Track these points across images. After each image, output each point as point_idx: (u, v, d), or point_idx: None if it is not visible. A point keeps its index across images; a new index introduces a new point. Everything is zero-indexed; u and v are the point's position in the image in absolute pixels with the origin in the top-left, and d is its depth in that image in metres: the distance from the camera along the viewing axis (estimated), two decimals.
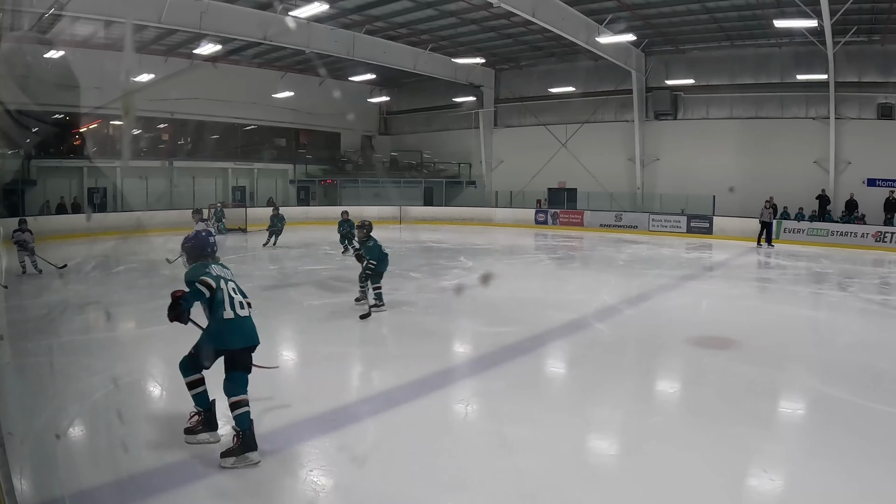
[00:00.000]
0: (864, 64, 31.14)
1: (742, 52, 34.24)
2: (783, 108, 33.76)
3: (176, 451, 6.19)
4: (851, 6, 24.82)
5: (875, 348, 11.20)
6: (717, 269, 22.44)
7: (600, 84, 38.49)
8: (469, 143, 44.46)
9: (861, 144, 31.47)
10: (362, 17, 30.67)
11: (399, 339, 11.30)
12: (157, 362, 9.37)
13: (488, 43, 35.95)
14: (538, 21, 26.58)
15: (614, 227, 35.49)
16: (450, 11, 30.22)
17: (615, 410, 7.86)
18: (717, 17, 29.79)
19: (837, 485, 5.88)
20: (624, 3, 28.18)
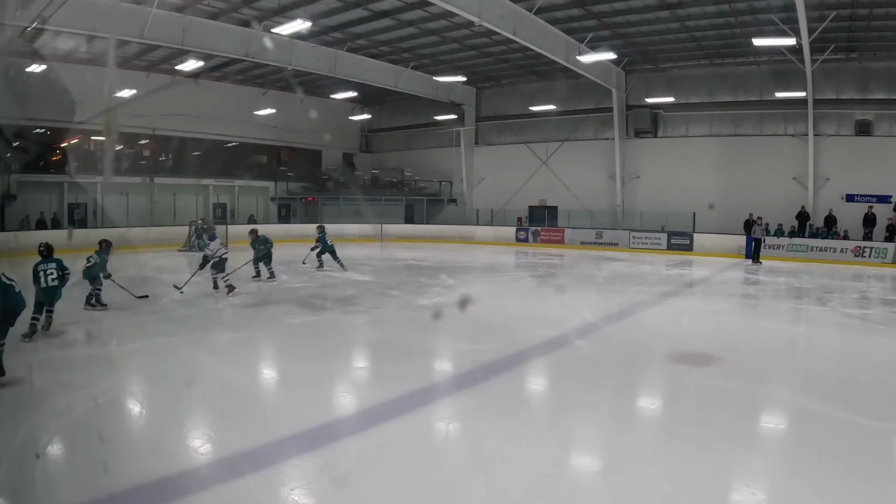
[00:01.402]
0: (841, 81, 31.50)
1: (721, 70, 34.53)
2: (762, 125, 34.02)
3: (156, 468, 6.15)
4: (829, 24, 25.10)
5: (855, 362, 11.28)
6: (697, 286, 22.54)
7: (581, 102, 38.66)
8: (450, 160, 44.48)
9: (839, 160, 31.74)
10: (344, 34, 30.72)
11: (379, 358, 11.28)
12: (138, 379, 9.34)
13: (469, 61, 36.04)
14: (519, 40, 26.67)
15: (595, 244, 35.54)
16: (431, 30, 30.30)
17: (596, 427, 7.90)
18: (697, 35, 30.02)
19: (820, 498, 5.92)
20: (604, 23, 28.34)
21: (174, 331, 12.13)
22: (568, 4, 26.28)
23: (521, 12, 25.76)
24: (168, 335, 11.65)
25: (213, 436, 7.01)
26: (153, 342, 11.15)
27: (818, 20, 24.77)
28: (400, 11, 27.61)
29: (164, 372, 9.53)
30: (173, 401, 8.23)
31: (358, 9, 27.17)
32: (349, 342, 12.33)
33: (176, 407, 7.96)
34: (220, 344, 11.42)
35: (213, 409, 7.93)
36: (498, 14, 24.79)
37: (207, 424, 7.16)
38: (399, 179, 47.00)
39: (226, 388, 8.78)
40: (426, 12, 27.30)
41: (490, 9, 24.27)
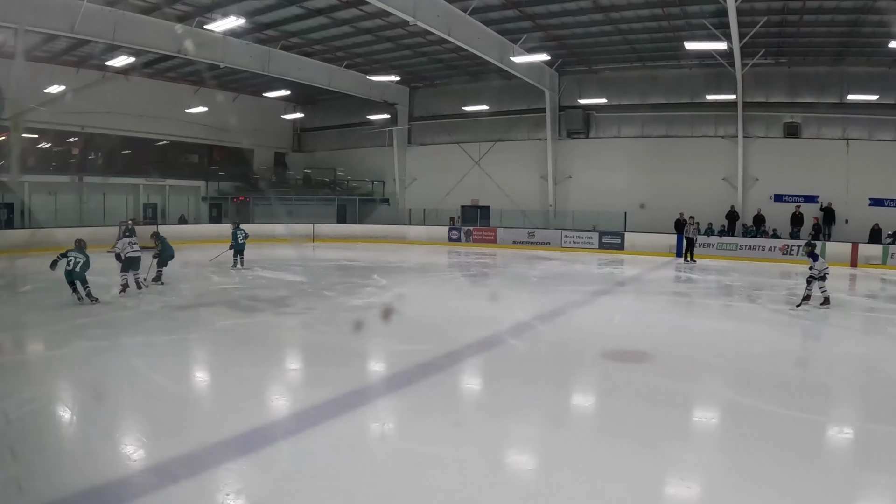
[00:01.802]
0: (771, 85, 32.27)
1: (654, 72, 35.02)
2: (693, 127, 34.54)
3: (87, 478, 6.02)
4: (760, 30, 25.60)
5: (784, 357, 11.57)
6: (629, 284, 22.76)
7: (514, 103, 38.82)
8: (383, 160, 44.35)
9: (768, 162, 32.49)
10: (278, 32, 30.49)
11: (313, 359, 11.20)
12: (66, 386, 9.16)
13: (403, 61, 36.01)
14: (453, 40, 26.68)
15: (527, 243, 35.71)
16: (366, 29, 30.19)
17: (531, 426, 7.93)
18: (630, 38, 30.36)
19: (752, 489, 6.04)
20: (538, 24, 28.50)
21: (104, 335, 11.90)
22: (503, 5, 26.38)
23: (455, 12, 25.79)
24: (97, 339, 11.43)
25: (146, 442, 6.89)
26: (82, 347, 10.94)
27: (749, 25, 25.26)
28: (335, 10, 27.49)
29: (94, 378, 9.36)
30: (103, 407, 8.06)
31: (292, 6, 26.98)
32: (282, 344, 12.23)
33: (106, 414, 7.80)
34: (151, 347, 11.21)
35: (144, 415, 7.79)
36: (433, 14, 24.78)
37: (139, 431, 7.05)
38: (331, 179, 46.78)
39: (158, 393, 8.63)
40: (361, 11, 27.22)
41: (425, 9, 24.24)
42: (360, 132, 45.37)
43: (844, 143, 31.40)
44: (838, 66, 31.02)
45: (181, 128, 39.49)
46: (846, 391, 9.88)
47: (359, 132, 45.45)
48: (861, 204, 30.75)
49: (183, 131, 39.94)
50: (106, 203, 35.13)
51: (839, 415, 8.75)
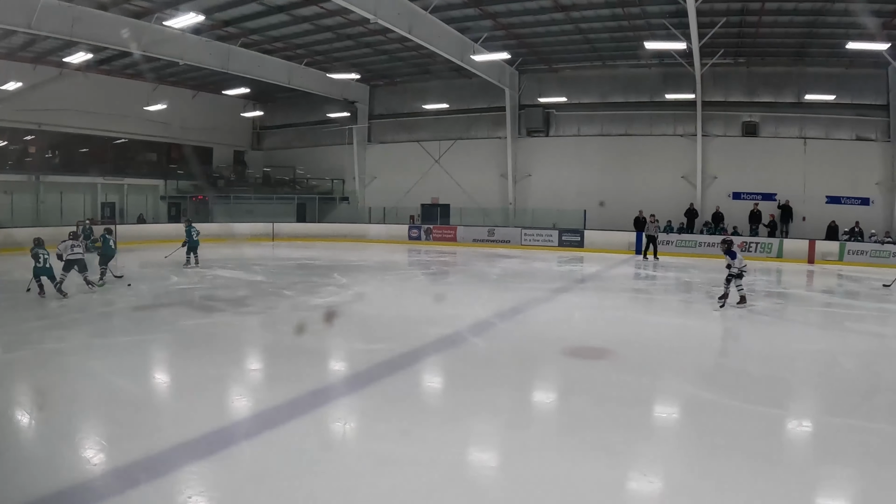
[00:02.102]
0: (730, 84, 32.71)
1: (613, 71, 35.27)
2: (652, 125, 34.84)
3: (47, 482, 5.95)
4: (719, 30, 25.96)
5: (744, 352, 11.80)
6: (588, 282, 22.85)
7: (474, 101, 38.94)
8: (342, 158, 44.20)
9: (727, 160, 32.92)
10: (238, 29, 30.27)
11: (274, 359, 11.12)
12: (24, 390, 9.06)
13: (364, 59, 35.92)
14: (414, 38, 26.68)
15: (487, 241, 35.77)
16: (326, 26, 30.09)
17: (492, 423, 7.96)
18: (590, 37, 30.52)
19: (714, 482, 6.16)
20: (499, 23, 28.57)
21: (62, 336, 11.79)
22: (464, 4, 26.45)
23: (416, 11, 25.76)
24: (56, 341, 11.32)
25: (106, 445, 6.81)
26: (40, 349, 10.82)
27: (709, 26, 25.56)
28: (295, 7, 27.38)
29: (52, 381, 9.26)
30: (62, 411, 7.95)
31: (252, 3, 26.80)
32: (243, 344, 12.16)
33: (65, 417, 7.70)
34: (110, 349, 11.11)
35: (104, 418, 7.70)
36: (394, 12, 24.77)
37: (99, 434, 6.98)
38: (291, 177, 46.53)
39: (117, 396, 8.53)
40: (322, 8, 27.14)
41: (386, 7, 24.22)
42: (319, 130, 45.22)
43: (802, 141, 31.88)
44: (796, 67, 31.51)
45: (140, 126, 39.10)
46: (805, 385, 10.07)
47: (319, 130, 45.30)
48: (818, 201, 31.29)
49: (141, 129, 39.53)
50: (63, 202, 34.71)
51: (798, 408, 8.90)
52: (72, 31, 25.00)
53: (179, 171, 42.44)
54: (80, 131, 36.59)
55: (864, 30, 24.55)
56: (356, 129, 42.73)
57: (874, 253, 27.93)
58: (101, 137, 38.25)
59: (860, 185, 31.22)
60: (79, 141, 37.23)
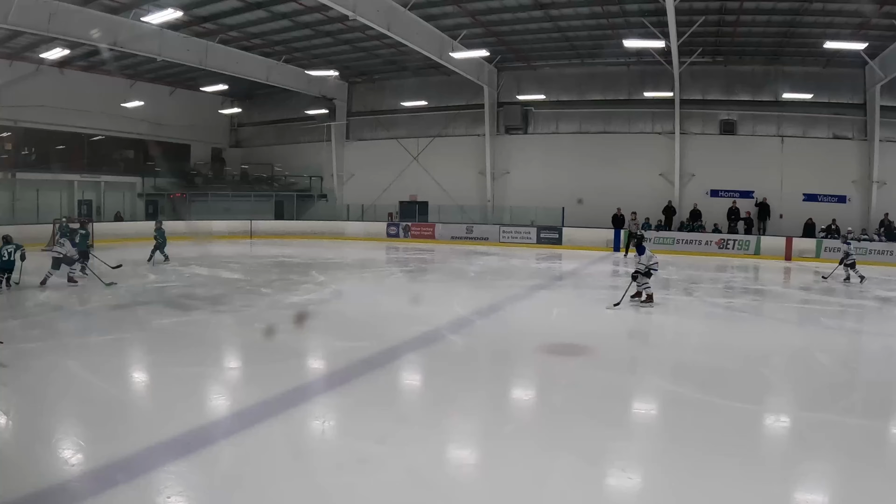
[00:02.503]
0: (708, 83, 32.99)
1: (592, 69, 35.39)
2: (630, 123, 35.02)
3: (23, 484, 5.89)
4: (698, 29, 26.14)
5: (721, 348, 11.80)
6: (566, 279, 22.96)
7: (453, 98, 39.02)
8: (320, 156, 44.09)
9: (704, 158, 33.13)
10: (216, 25, 30.18)
11: (251, 358, 11.08)
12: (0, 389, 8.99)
13: (342, 56, 35.91)
14: (393, 35, 26.70)
15: (465, 239, 35.87)
16: (305, 23, 30.06)
17: (471, 420, 7.98)
18: (569, 35, 30.64)
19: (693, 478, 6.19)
20: (478, 20, 28.62)
21: (38, 336, 11.69)
22: (443, 1, 26.60)
23: (395, 7, 25.80)
24: (32, 340, 11.22)
25: (83, 446, 6.75)
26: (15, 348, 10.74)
27: (687, 24, 25.74)
28: (273, 3, 27.40)
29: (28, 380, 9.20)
30: (38, 411, 7.86)
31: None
32: (220, 342, 12.11)
33: (41, 418, 7.62)
34: (86, 348, 11.05)
35: (81, 418, 7.64)
36: (372, 9, 24.79)
37: (76, 434, 6.93)
38: (269, 175, 46.43)
39: (94, 396, 8.46)
40: (300, 5, 27.15)
41: (365, 3, 24.25)
42: (297, 127, 45.13)
43: (779, 139, 32.15)
44: (774, 66, 31.85)
45: (117, 122, 38.92)
46: (782, 381, 10.15)
47: (297, 127, 45.20)
48: (795, 199, 31.57)
49: (118, 126, 39.34)
50: (40, 200, 34.48)
51: (776, 404, 8.94)
52: (49, 26, 24.85)
53: (157, 168, 42.18)
54: (56, 128, 36.34)
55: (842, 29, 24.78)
56: (334, 127, 42.65)
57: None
58: (77, 134, 38.04)
59: (837, 183, 31.50)
60: (55, 138, 37.00)
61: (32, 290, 16.02)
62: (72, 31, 25.93)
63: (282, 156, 46.63)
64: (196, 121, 43.69)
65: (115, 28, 26.85)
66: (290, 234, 38.25)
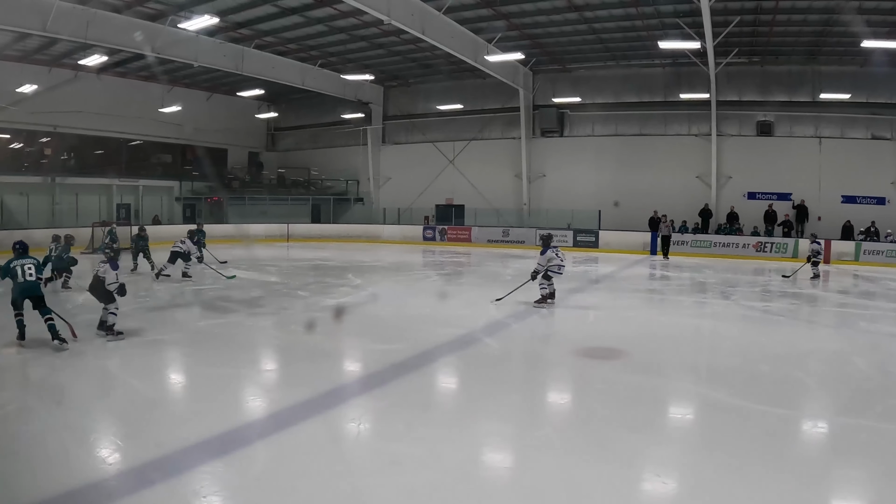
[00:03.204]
0: (744, 83, 32.62)
1: (627, 71, 35.24)
2: (666, 125, 34.78)
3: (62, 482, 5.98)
4: (733, 29, 25.93)
5: (757, 353, 11.60)
6: (603, 282, 22.78)
7: (488, 102, 38.97)
8: (357, 159, 44.30)
9: (741, 160, 32.85)
10: (252, 31, 30.43)
11: (287, 360, 11.15)
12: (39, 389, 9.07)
13: (377, 60, 36.03)
14: (428, 39, 26.73)
15: (501, 242, 35.81)
16: (340, 28, 30.18)
17: (505, 423, 7.93)
18: (604, 37, 30.53)
19: (728, 483, 6.10)
20: (512, 23, 28.59)
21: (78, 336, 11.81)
22: (477, 4, 26.49)
23: (430, 11, 25.83)
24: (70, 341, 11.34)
25: (120, 445, 6.84)
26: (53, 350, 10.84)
27: (722, 25, 25.52)
28: (309, 9, 27.49)
29: (68, 380, 9.31)
30: (78, 411, 7.99)
31: (266, 5, 26.97)
32: (257, 345, 12.18)
33: (81, 417, 7.73)
34: (124, 349, 11.12)
35: (118, 418, 7.73)
36: (407, 13, 24.83)
37: (114, 434, 7.00)
38: (305, 178, 46.68)
39: (132, 396, 8.56)
40: (335, 10, 27.22)
41: (399, 7, 24.29)
42: (334, 131, 45.37)
43: (817, 141, 31.76)
44: (810, 65, 31.42)
45: (154, 127, 39.22)
46: (818, 385, 10.00)
47: (333, 131, 45.44)
48: (833, 201, 31.15)
49: (156, 131, 39.67)
50: (79, 204, 34.86)
51: (812, 409, 8.86)
52: (86, 33, 25.13)
53: (194, 172, 42.53)
54: (95, 133, 36.76)
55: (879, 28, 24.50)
56: (370, 131, 42.81)
57: (890, 253, 27.87)
58: (116, 139, 38.42)
59: (876, 185, 31.07)
60: (94, 143, 37.40)
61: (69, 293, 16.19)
62: (109, 38, 26.23)
63: (318, 159, 46.86)
64: (233, 125, 44.04)
65: (152, 35, 27.10)
66: (326, 238, 38.39)
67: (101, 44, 26.58)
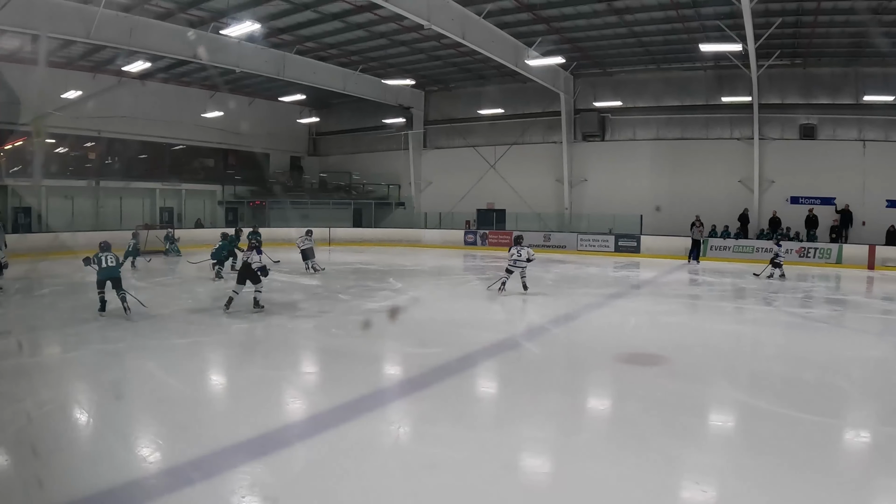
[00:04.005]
0: (786, 86, 32.22)
1: (668, 74, 35.00)
2: (708, 129, 34.50)
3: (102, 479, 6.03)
4: (775, 31, 25.61)
5: (799, 360, 11.48)
6: (644, 287, 22.67)
7: (528, 106, 38.94)
8: (398, 164, 44.55)
9: (784, 163, 32.42)
10: (293, 37, 30.65)
11: (328, 362, 11.21)
12: (82, 389, 9.18)
13: (418, 64, 36.15)
14: (468, 43, 26.76)
15: (543, 247, 35.64)
16: (380, 33, 30.32)
17: (544, 429, 7.89)
18: (644, 40, 30.36)
19: (768, 493, 5.99)
20: (553, 27, 28.52)
21: (119, 338, 11.92)
22: (517, 9, 26.44)
23: (470, 16, 25.85)
24: (113, 342, 11.47)
25: (161, 444, 6.91)
26: (98, 349, 10.98)
27: (764, 27, 25.23)
28: (349, 14, 27.62)
29: (109, 380, 9.40)
30: (118, 410, 8.10)
31: (307, 11, 27.15)
32: (297, 347, 12.25)
33: (121, 416, 7.84)
34: (166, 350, 11.22)
35: (159, 417, 7.81)
36: (447, 17, 24.84)
37: (154, 433, 7.07)
38: (347, 183, 46.97)
39: (172, 396, 8.65)
40: (375, 15, 27.34)
41: (439, 12, 24.30)
42: (375, 136, 45.64)
43: (861, 144, 31.28)
44: (853, 67, 30.94)
45: (197, 132, 39.79)
46: (862, 394, 9.80)
47: (374, 136, 45.71)
48: (878, 206, 30.62)
49: (199, 136, 40.24)
50: (122, 207, 35.28)
51: (855, 418, 8.67)
52: (129, 40, 25.54)
53: (237, 176, 42.91)
54: (138, 138, 37.18)
55: None
56: (411, 135, 42.98)
57: None
58: (159, 144, 38.89)
59: None
60: (137, 147, 37.78)
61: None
62: (152, 44, 26.62)
63: (359, 164, 47.15)
64: (275, 130, 44.43)
65: (195, 41, 27.36)
66: (367, 242, 38.58)
67: (144, 50, 26.99)
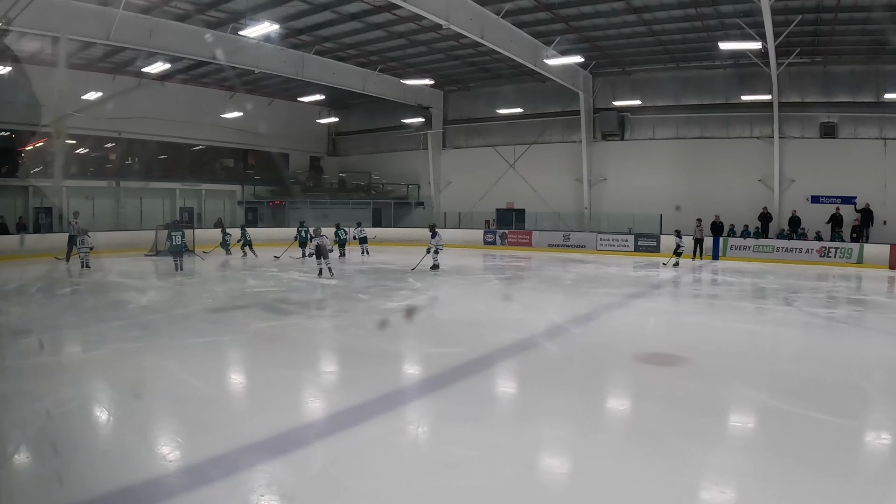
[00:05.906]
0: (806, 84, 31.97)
1: (687, 73, 34.83)
2: (728, 128, 34.33)
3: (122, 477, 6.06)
4: (794, 29, 25.42)
5: (820, 360, 11.41)
6: (663, 287, 22.59)
7: (548, 105, 38.90)
8: (417, 164, 44.60)
9: (804, 162, 32.20)
10: (312, 37, 30.70)
11: (347, 362, 11.20)
12: (102, 387, 9.22)
13: (437, 64, 36.13)
14: (486, 43, 26.71)
15: (562, 246, 35.68)
16: (399, 33, 30.34)
17: (564, 428, 7.86)
18: (663, 39, 30.24)
19: (788, 494, 5.95)
20: (571, 26, 28.46)
21: (139, 336, 11.96)
22: (535, 8, 26.39)
23: (488, 15, 25.83)
24: (133, 341, 11.51)
25: (181, 442, 6.95)
26: (118, 348, 11.04)
27: (783, 24, 25.08)
28: (368, 14, 27.64)
29: (129, 379, 9.43)
30: (139, 408, 8.13)
31: (326, 11, 27.19)
32: (316, 346, 12.27)
33: (141, 414, 7.86)
34: (185, 349, 11.27)
35: (178, 416, 7.84)
36: (465, 17, 24.84)
37: (173, 431, 7.09)
38: (366, 183, 47.10)
39: (192, 395, 8.69)
40: (394, 15, 27.34)
41: (458, 12, 24.30)
42: (394, 136, 45.72)
43: (882, 142, 31.02)
44: (874, 65, 30.65)
45: (216, 133, 39.98)
46: (883, 395, 9.72)
47: (393, 136, 45.79)
48: None
49: (218, 136, 40.44)
50: (143, 207, 35.47)
51: (876, 419, 8.59)
52: (149, 42, 25.71)
53: (256, 176, 43.07)
54: (158, 138, 37.40)
55: None
56: (430, 135, 43.01)
57: None
58: (179, 144, 39.15)
59: None
60: (157, 148, 37.97)
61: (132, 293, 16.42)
62: (171, 46, 26.76)
63: (379, 164, 47.24)
64: (294, 130, 44.56)
65: (214, 42, 27.49)
66: (387, 241, 38.50)
67: (163, 52, 27.11)
